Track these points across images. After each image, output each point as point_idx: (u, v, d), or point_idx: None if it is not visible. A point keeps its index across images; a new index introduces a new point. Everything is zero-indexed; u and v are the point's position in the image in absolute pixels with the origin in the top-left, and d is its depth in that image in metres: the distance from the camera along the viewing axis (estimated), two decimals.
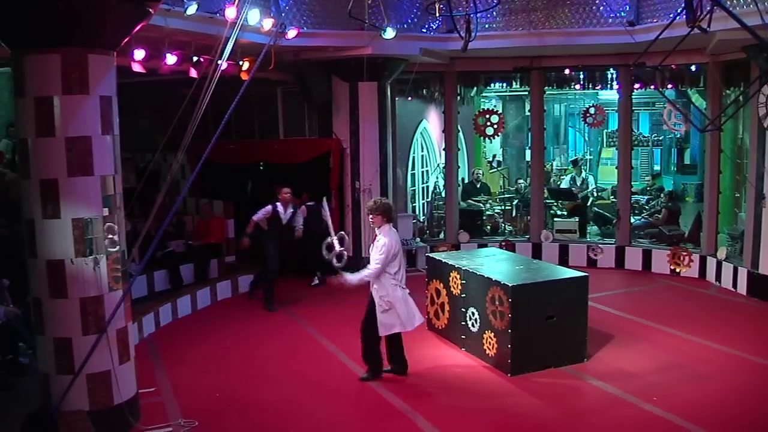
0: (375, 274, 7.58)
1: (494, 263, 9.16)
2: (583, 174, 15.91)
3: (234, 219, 12.75)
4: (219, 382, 7.97)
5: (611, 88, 14.08)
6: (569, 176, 16.14)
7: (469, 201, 15.30)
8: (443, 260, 9.35)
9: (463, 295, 8.80)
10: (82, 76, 6.09)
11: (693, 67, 12.63)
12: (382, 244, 7.56)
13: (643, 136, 19.59)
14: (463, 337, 8.88)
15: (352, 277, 7.68)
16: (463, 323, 8.76)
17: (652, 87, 13.25)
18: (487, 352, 8.33)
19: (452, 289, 9.02)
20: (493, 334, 8.19)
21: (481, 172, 16.54)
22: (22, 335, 7.88)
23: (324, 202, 9.14)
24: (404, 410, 7.15)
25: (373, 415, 7.14)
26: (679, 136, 18.67)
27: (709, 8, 7.94)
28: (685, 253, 12.66)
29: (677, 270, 12.71)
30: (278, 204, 10.84)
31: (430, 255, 9.74)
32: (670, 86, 13.30)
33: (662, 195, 14.86)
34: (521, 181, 16.53)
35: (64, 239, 6.20)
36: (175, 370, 8.36)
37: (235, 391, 7.70)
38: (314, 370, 8.32)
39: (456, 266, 8.96)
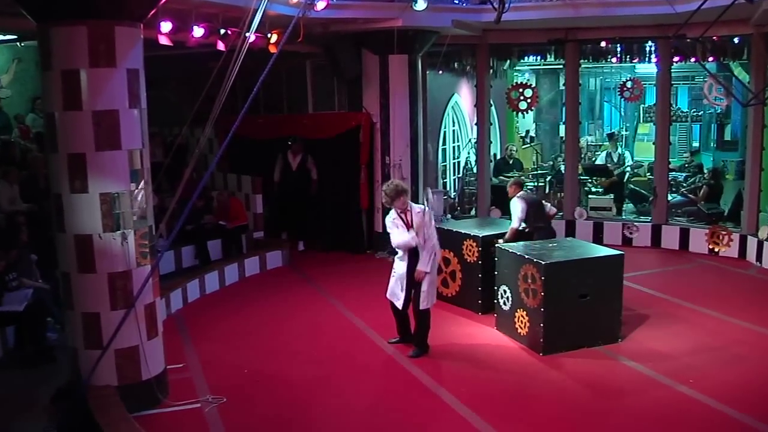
0: (436, 242, 7.82)
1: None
2: (620, 149, 15.66)
3: (263, 194, 12.83)
4: (247, 358, 8.03)
5: (649, 61, 13.76)
6: (604, 152, 15.92)
7: (501, 177, 15.17)
8: (453, 229, 9.71)
9: (479, 262, 9.21)
10: (108, 49, 6.09)
11: (736, 39, 12.27)
12: (425, 212, 7.72)
13: (682, 111, 19.27)
14: (479, 301, 9.24)
15: (427, 266, 7.74)
16: (496, 301, 8.74)
17: (693, 60, 12.93)
18: (519, 330, 8.28)
19: (466, 257, 9.33)
20: (525, 312, 8.15)
21: (514, 147, 16.38)
22: (51, 310, 8.00)
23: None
24: (433, 388, 7.16)
25: (402, 392, 7.14)
26: (719, 110, 18.35)
27: None
28: (724, 233, 12.43)
29: (716, 250, 12.49)
30: (288, 152, 12.88)
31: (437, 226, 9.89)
32: (711, 59, 12.98)
33: (705, 171, 14.59)
34: (560, 158, 16.33)
35: (92, 214, 6.24)
36: (203, 346, 8.44)
37: (263, 368, 7.75)
38: (342, 347, 8.35)
39: (471, 234, 9.33)
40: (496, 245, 8.81)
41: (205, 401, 6.84)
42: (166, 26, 8.55)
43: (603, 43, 13.43)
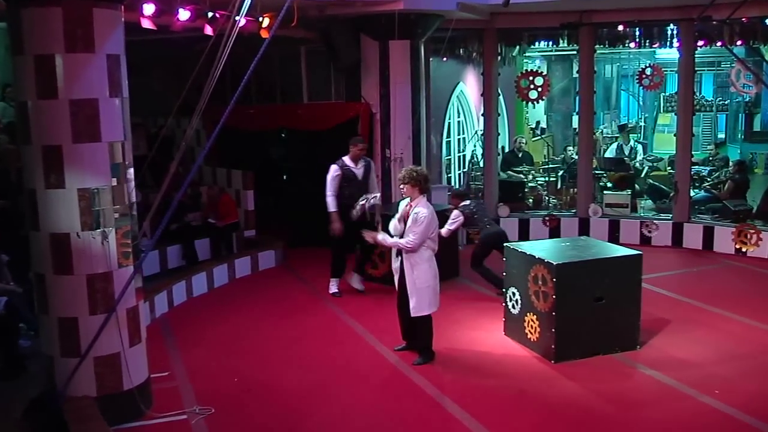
0: (413, 246, 7.62)
1: None
2: (632, 142, 15.64)
3: (254, 190, 12.80)
4: (237, 365, 8.01)
5: (671, 46, 13.74)
6: (615, 144, 15.90)
7: (510, 171, 15.15)
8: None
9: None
10: (86, 33, 6.05)
11: (767, 21, 12.25)
12: (422, 216, 7.59)
13: (706, 100, 19.25)
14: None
15: (388, 239, 7.85)
16: (504, 304, 8.72)
17: (719, 44, 12.91)
18: (529, 336, 8.26)
19: None
20: (535, 316, 8.11)
21: (523, 140, 16.36)
22: (24, 315, 7.95)
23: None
24: (436, 396, 7.14)
25: (404, 402, 7.11)
26: (748, 99, 18.32)
27: None
28: (752, 231, 12.39)
29: (743, 249, 12.45)
30: (345, 159, 10.30)
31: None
32: (739, 42, 12.94)
33: (731, 165, 14.55)
34: (570, 149, 16.28)
35: (69, 211, 6.22)
36: (191, 352, 8.42)
37: (254, 375, 7.73)
38: (340, 352, 8.34)
39: (391, 215, 9.33)
40: (505, 246, 8.80)
41: (192, 412, 6.81)
42: (148, 8, 8.50)
43: (620, 27, 13.41)
